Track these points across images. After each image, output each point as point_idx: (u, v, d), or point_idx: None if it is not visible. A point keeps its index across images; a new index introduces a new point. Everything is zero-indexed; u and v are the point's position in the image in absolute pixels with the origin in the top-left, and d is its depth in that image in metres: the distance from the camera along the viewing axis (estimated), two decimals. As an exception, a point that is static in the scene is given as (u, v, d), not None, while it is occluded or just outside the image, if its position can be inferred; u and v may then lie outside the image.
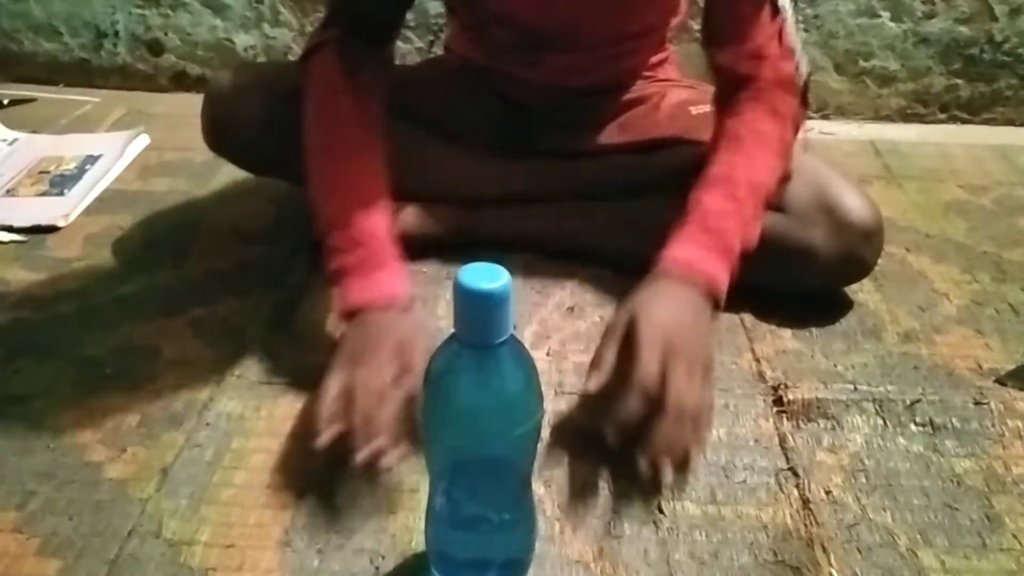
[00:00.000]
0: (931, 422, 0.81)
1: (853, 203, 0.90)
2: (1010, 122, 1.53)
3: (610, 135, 1.07)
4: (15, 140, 1.42)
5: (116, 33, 1.63)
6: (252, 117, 0.98)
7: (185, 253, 1.10)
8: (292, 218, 1.15)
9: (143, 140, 1.42)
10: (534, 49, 1.03)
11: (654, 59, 1.11)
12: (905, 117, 1.54)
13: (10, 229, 1.15)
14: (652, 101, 1.08)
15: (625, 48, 1.06)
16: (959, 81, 1.51)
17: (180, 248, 1.11)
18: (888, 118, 1.55)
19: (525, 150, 1.09)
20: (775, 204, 0.91)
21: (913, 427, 0.81)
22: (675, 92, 1.09)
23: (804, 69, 0.89)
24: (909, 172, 1.35)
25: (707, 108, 0.97)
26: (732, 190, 0.83)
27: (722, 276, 0.79)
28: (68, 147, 1.40)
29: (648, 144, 1.04)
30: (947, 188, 1.30)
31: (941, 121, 1.54)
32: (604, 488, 0.73)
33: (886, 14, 1.46)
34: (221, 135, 1.03)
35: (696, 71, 1.08)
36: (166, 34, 1.62)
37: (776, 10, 0.86)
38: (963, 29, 1.46)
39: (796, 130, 0.91)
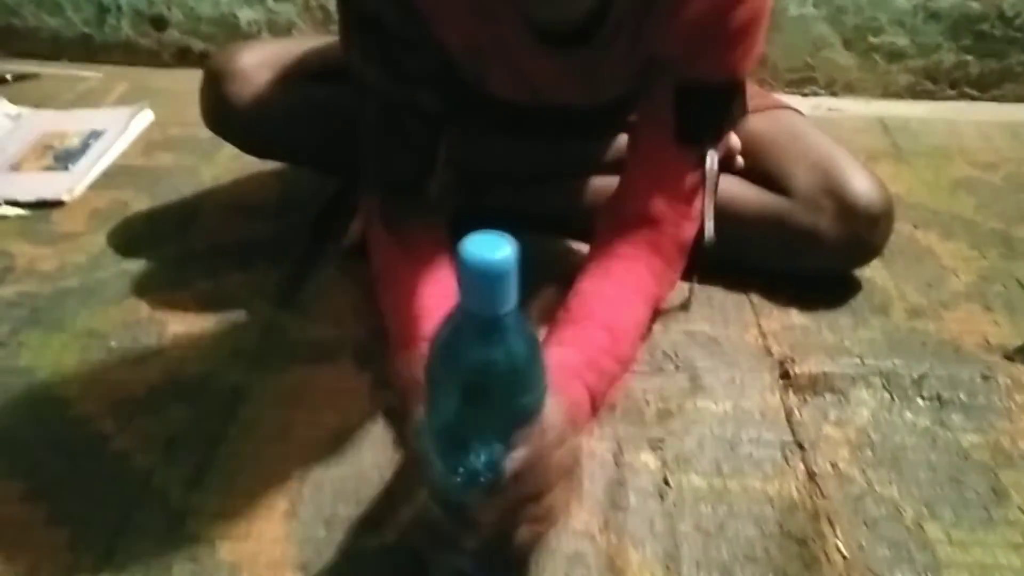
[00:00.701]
0: (938, 397, 0.81)
1: (861, 187, 0.89)
2: (1020, 99, 1.51)
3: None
4: (19, 115, 1.42)
5: (119, 8, 1.62)
6: (253, 97, 0.96)
7: (190, 228, 1.09)
8: (296, 194, 1.15)
9: (147, 115, 1.41)
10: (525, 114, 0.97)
11: None
12: (914, 94, 1.53)
13: (15, 203, 1.15)
14: None
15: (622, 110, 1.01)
16: (969, 57, 1.49)
17: (185, 223, 1.11)
18: (897, 95, 1.53)
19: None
20: (779, 187, 0.91)
21: (920, 401, 0.81)
22: None
23: (708, 235, 0.82)
24: (918, 149, 1.34)
25: None
26: (613, 345, 0.74)
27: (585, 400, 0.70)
28: (72, 122, 1.39)
29: None
30: (956, 165, 1.29)
31: (951, 98, 1.52)
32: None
33: (896, -10, 1.45)
34: (221, 115, 1.00)
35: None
36: (169, 9, 1.61)
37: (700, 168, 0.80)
38: (973, 4, 1.44)
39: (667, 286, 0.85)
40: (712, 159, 0.79)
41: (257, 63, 0.98)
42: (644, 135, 0.84)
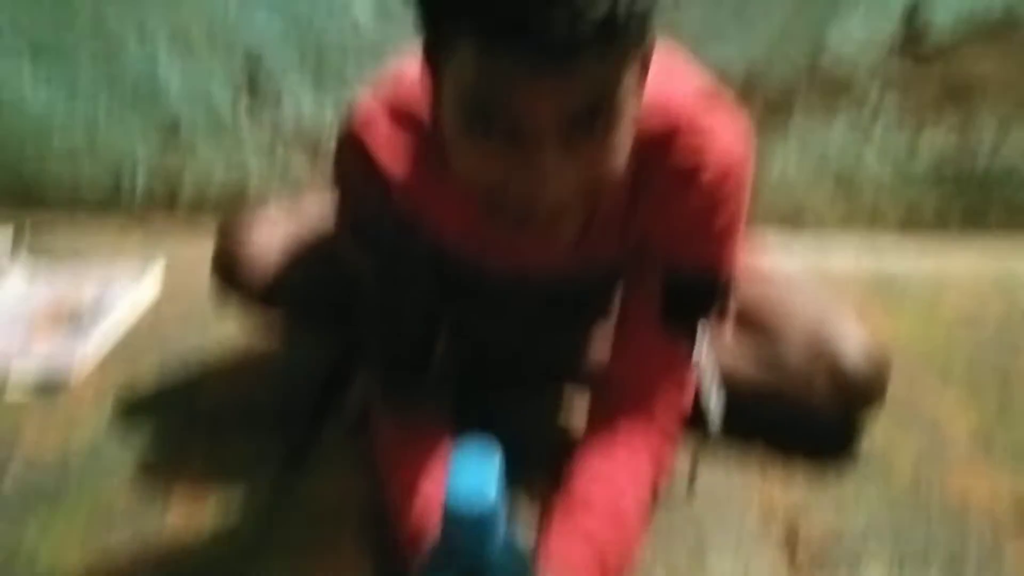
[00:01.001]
0: (949, 564, 0.81)
1: (854, 360, 0.89)
2: (1004, 237, 1.55)
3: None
4: (33, 275, 1.46)
5: (134, 170, 1.69)
6: (264, 250, 1.00)
7: (196, 394, 1.12)
8: (302, 356, 1.17)
9: (159, 272, 1.46)
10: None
11: None
12: (902, 231, 1.57)
13: (24, 371, 1.17)
14: None
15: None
16: (952, 197, 1.54)
17: (191, 389, 1.13)
18: (883, 236, 1.57)
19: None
20: (771, 363, 0.92)
21: (931, 572, 0.80)
22: None
23: (716, 415, 0.83)
24: (909, 287, 1.37)
25: None
26: (619, 536, 0.75)
27: None
28: (85, 281, 1.43)
29: None
30: (949, 302, 1.31)
31: (938, 235, 1.56)
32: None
33: (876, 135, 1.51)
34: (231, 268, 1.02)
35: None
36: (182, 171, 1.68)
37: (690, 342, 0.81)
38: (951, 147, 1.50)
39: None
40: (703, 345, 0.80)
41: (270, 216, 1.03)
42: (631, 315, 0.84)
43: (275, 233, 1.02)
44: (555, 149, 0.57)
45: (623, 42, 0.55)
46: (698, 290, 0.79)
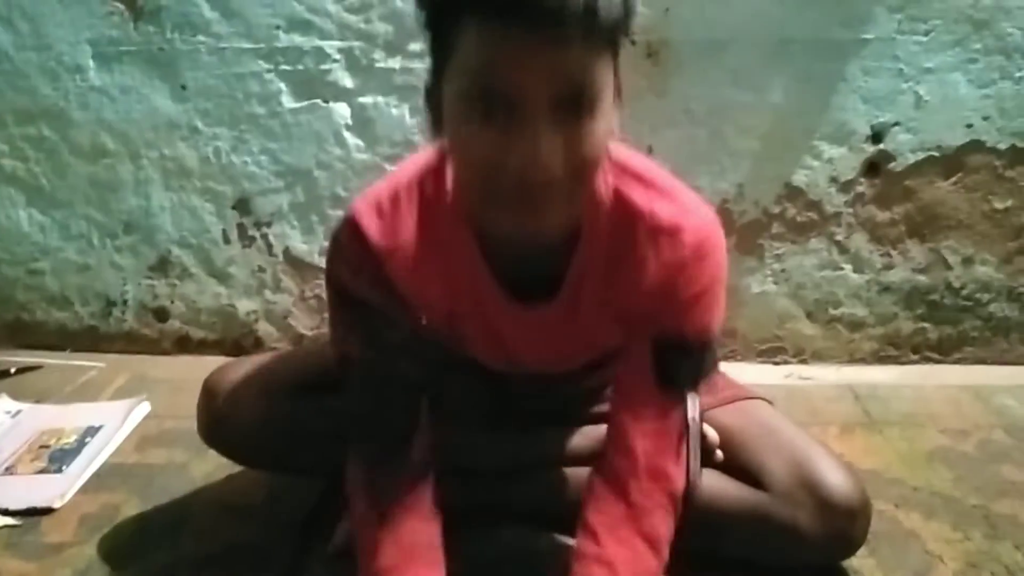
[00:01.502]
0: None
1: (836, 481, 0.92)
2: (980, 361, 1.59)
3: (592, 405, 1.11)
4: (19, 412, 1.46)
5: (125, 302, 1.72)
6: (250, 419, 1.03)
7: (179, 533, 1.10)
8: (284, 493, 1.17)
9: (144, 409, 1.46)
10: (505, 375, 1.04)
11: None
12: (879, 359, 1.61)
13: (5, 512, 1.15)
14: None
15: (595, 372, 1.07)
16: (926, 325, 1.59)
17: (174, 527, 1.11)
18: (863, 360, 1.61)
19: (509, 415, 1.12)
20: (759, 482, 0.94)
21: None
22: None
23: (694, 478, 0.89)
24: (889, 417, 1.39)
25: None
26: None
27: None
28: (70, 418, 1.43)
29: None
30: (928, 434, 1.33)
31: (914, 362, 1.60)
32: None
33: (848, 267, 1.57)
34: (219, 436, 1.08)
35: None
36: (172, 301, 1.71)
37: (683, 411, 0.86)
38: (921, 278, 1.56)
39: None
40: (693, 407, 0.85)
41: (255, 381, 1.06)
42: (626, 384, 0.88)
43: (257, 391, 1.05)
44: (546, 124, 0.66)
45: (603, 36, 0.65)
46: (684, 351, 0.83)
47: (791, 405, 1.37)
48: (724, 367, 1.11)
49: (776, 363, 1.62)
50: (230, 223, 1.65)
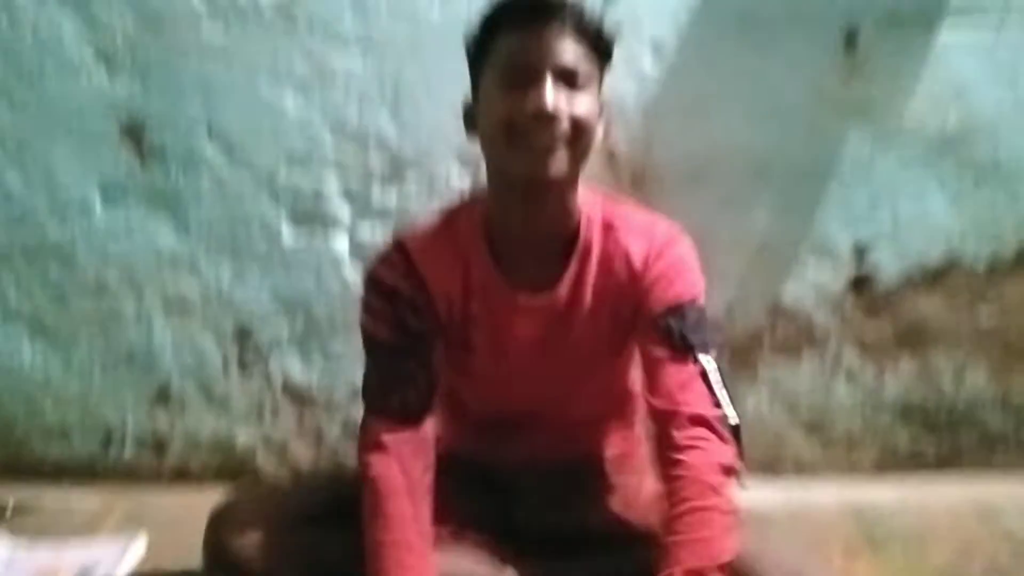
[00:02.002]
0: None
1: None
2: (978, 475, 1.58)
3: (593, 520, 1.14)
4: (13, 554, 1.44)
5: (124, 435, 1.73)
6: (261, 552, 1.03)
7: None
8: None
9: (140, 546, 1.44)
10: (506, 427, 1.13)
11: (624, 444, 1.21)
12: (878, 474, 1.60)
13: (-4, 665, 1.13)
14: (630, 488, 1.15)
15: (588, 430, 1.18)
16: (922, 440, 1.59)
17: None
18: (862, 476, 1.60)
19: (514, 536, 1.12)
20: None
21: None
22: (650, 481, 1.15)
23: (733, 420, 1.00)
24: (892, 537, 1.38)
25: None
26: None
27: None
28: (66, 558, 1.41)
29: (628, 535, 1.09)
30: (932, 553, 1.32)
31: (912, 476, 1.60)
32: None
33: (840, 382, 1.59)
34: (227, 570, 1.06)
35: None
36: (171, 434, 1.72)
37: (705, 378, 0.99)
38: (914, 394, 1.57)
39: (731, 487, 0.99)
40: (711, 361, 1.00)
41: (259, 514, 1.07)
42: (649, 364, 1.02)
43: (266, 523, 1.05)
44: (552, 86, 0.92)
45: (587, 38, 0.95)
46: (682, 317, 1.00)
47: (793, 525, 1.36)
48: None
49: (774, 479, 1.61)
50: (230, 354, 1.67)
